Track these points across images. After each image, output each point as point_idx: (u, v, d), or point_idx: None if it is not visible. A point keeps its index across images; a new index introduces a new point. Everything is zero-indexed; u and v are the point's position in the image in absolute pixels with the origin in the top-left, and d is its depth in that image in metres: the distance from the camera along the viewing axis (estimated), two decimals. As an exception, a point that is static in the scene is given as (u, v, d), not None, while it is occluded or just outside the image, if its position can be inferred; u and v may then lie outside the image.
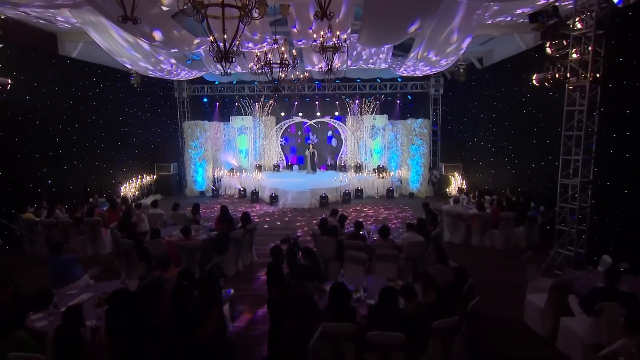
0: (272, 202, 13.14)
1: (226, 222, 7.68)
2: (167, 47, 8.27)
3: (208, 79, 15.59)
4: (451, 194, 11.86)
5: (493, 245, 8.61)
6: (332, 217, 8.09)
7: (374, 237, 7.24)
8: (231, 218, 7.94)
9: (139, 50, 8.86)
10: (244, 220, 7.81)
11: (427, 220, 7.64)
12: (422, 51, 8.98)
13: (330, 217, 8.12)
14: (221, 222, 7.85)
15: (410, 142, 14.71)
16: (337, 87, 16.21)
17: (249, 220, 7.91)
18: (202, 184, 15.18)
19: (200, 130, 14.93)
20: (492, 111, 11.72)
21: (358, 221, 7.24)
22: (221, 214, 8.17)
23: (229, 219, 7.86)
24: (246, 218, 7.88)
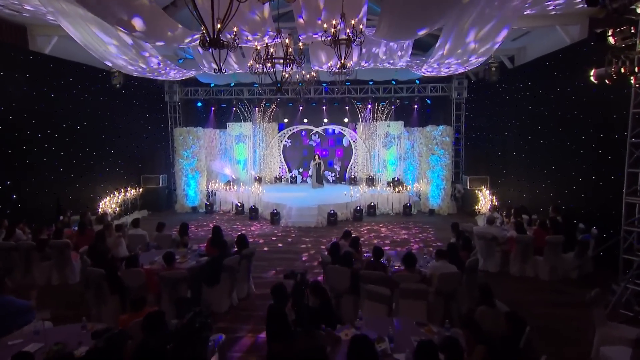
0: (273, 219, 12.64)
1: (219, 246, 7.03)
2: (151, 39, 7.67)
3: (202, 80, 15.25)
4: (480, 211, 11.12)
5: (536, 275, 7.87)
6: (345, 240, 7.52)
7: (395, 266, 6.58)
8: (225, 241, 7.32)
9: (120, 44, 8.28)
10: (240, 244, 7.19)
11: (459, 245, 6.92)
12: (449, 46, 8.33)
13: (342, 240, 7.56)
14: (213, 246, 7.25)
15: (430, 152, 14.21)
16: (346, 90, 15.81)
17: (246, 244, 7.30)
18: (194, 199, 14.76)
19: (193, 138, 14.56)
20: (527, 116, 11.11)
21: (377, 247, 6.52)
22: (213, 236, 7.60)
23: (222, 243, 7.23)
24: (242, 241, 7.25)
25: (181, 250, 7.36)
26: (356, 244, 7.26)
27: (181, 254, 7.05)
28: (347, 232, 7.79)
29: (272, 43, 7.55)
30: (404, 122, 15.97)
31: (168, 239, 8.12)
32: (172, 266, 6.25)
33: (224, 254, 6.74)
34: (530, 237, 7.85)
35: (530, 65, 10.96)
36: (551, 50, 9.81)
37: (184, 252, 7.20)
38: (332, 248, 6.81)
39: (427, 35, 11.92)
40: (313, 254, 9.59)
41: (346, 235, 7.66)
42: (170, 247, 7.69)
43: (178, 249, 7.54)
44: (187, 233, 8.24)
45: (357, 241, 7.29)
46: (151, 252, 7.49)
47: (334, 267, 6.29)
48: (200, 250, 7.48)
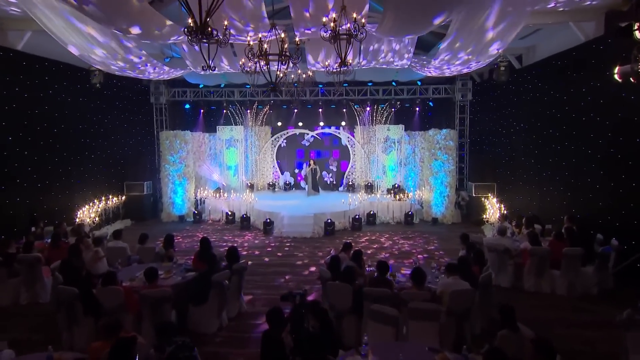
0: (267, 229, 12.37)
1: (207, 261, 6.66)
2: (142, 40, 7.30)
3: (190, 81, 14.95)
4: (488, 221, 10.81)
5: (553, 291, 7.54)
6: (345, 253, 7.20)
7: (401, 281, 6.28)
8: (213, 255, 6.94)
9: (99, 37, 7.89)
10: (231, 257, 6.84)
11: (471, 259, 6.59)
12: (456, 43, 8.07)
13: (342, 253, 7.23)
14: (201, 260, 6.87)
15: (433, 157, 13.96)
16: (344, 91, 15.56)
17: (237, 257, 6.94)
18: (181, 207, 14.45)
19: (181, 142, 14.24)
20: (537, 119, 10.88)
21: (382, 261, 6.19)
22: (201, 248, 7.22)
23: (210, 256, 6.83)
24: (233, 255, 6.89)
25: (165, 265, 7.03)
26: (358, 257, 6.89)
27: (165, 268, 6.73)
28: (348, 244, 7.48)
29: (267, 40, 7.21)
30: (405, 126, 15.77)
31: (151, 252, 7.73)
32: (155, 283, 5.86)
33: (212, 268, 6.40)
34: (546, 249, 7.54)
35: (540, 64, 10.76)
36: (563, 49, 9.60)
37: (168, 267, 6.87)
38: (331, 262, 6.51)
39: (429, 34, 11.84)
40: (310, 266, 9.28)
41: (347, 248, 7.35)
42: (153, 261, 7.35)
43: (162, 263, 7.21)
44: (172, 245, 7.88)
45: (359, 255, 6.93)
46: (132, 267, 7.14)
47: (334, 283, 5.98)
48: (187, 264, 7.14)
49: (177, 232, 12.37)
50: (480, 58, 8.63)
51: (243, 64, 9.00)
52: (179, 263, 7.21)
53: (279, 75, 7.33)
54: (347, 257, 7.05)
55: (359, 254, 6.95)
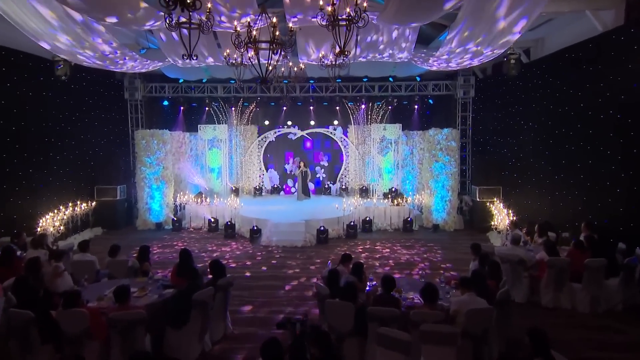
0: (253, 237, 12.05)
1: (188, 275, 6.22)
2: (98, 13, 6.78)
3: (169, 75, 14.60)
4: (497, 228, 10.52)
5: (574, 307, 7.22)
6: (344, 265, 6.87)
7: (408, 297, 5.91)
8: (195, 269, 6.50)
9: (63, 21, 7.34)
10: (215, 271, 6.46)
11: (486, 273, 6.26)
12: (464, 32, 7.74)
13: (340, 265, 6.89)
14: (181, 275, 6.48)
15: (434, 159, 13.78)
16: (337, 88, 15.28)
17: (222, 271, 6.54)
18: (159, 214, 14.09)
19: (159, 142, 13.90)
20: (548, 117, 10.68)
21: (388, 276, 5.81)
22: (181, 262, 6.84)
23: (191, 270, 6.39)
24: (217, 268, 6.50)
25: (140, 281, 6.61)
26: (359, 271, 6.51)
27: (140, 285, 6.30)
28: (347, 255, 7.14)
29: (256, 27, 6.78)
30: (402, 125, 15.60)
31: (123, 266, 7.25)
32: (126, 304, 5.34)
33: (194, 285, 5.97)
34: (566, 260, 7.21)
35: (551, 58, 10.55)
36: (578, 40, 9.39)
37: (143, 283, 6.44)
38: (330, 277, 6.13)
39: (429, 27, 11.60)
40: (302, 279, 8.93)
41: (345, 260, 6.99)
42: (126, 277, 6.91)
43: (136, 278, 6.79)
44: (148, 258, 7.49)
45: (360, 268, 6.55)
46: (101, 284, 6.65)
47: (334, 302, 5.57)
48: (165, 280, 6.72)
49: (154, 241, 12.01)
50: (491, 49, 8.31)
51: (228, 56, 8.63)
52: (156, 278, 6.80)
53: (269, 67, 6.86)
54: (346, 270, 6.72)
55: (359, 267, 6.58)
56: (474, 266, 7.03)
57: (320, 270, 9.32)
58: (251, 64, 8.70)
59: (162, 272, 8.68)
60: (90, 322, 5.03)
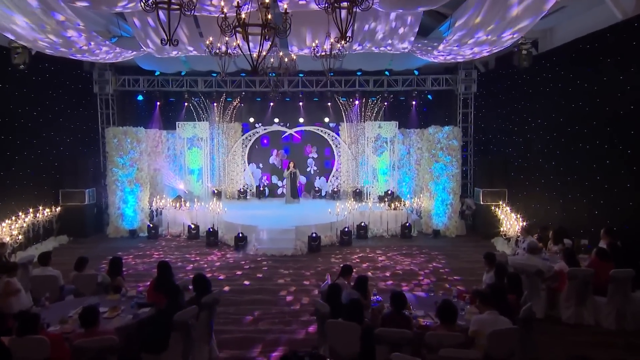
0: (239, 245, 11.74)
1: (167, 292, 5.78)
2: None
3: (144, 67, 14.23)
4: (506, 234, 10.28)
5: (598, 323, 6.94)
6: (344, 278, 6.59)
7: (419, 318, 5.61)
8: (175, 286, 6.04)
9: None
10: (199, 286, 6.10)
11: (505, 287, 5.96)
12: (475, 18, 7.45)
13: (340, 278, 6.59)
14: (159, 291, 6.10)
15: (434, 159, 13.63)
16: (328, 82, 15.11)
17: (207, 287, 6.16)
18: (133, 220, 13.73)
19: (132, 141, 13.56)
20: (559, 114, 10.52)
21: (398, 293, 5.52)
22: (159, 276, 6.49)
23: (171, 287, 5.94)
24: (202, 284, 6.13)
25: (112, 299, 6.26)
26: (363, 285, 6.23)
27: (111, 304, 5.98)
28: (347, 267, 6.82)
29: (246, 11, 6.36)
30: (399, 123, 15.52)
31: (92, 281, 6.84)
32: (95, 329, 4.91)
33: (174, 303, 5.59)
34: (589, 270, 6.94)
35: (563, 49, 10.36)
36: (593, 30, 9.19)
37: (115, 301, 6.11)
38: (330, 292, 5.80)
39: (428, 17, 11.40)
40: (295, 293, 8.60)
41: (346, 272, 6.68)
42: (95, 294, 6.52)
43: (107, 296, 6.40)
44: (120, 271, 7.08)
45: (364, 282, 6.27)
46: (66, 303, 6.23)
47: (337, 322, 5.21)
48: (140, 297, 6.34)
49: (128, 250, 11.64)
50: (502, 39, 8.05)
51: (211, 45, 8.26)
52: (130, 295, 6.40)
53: (261, 54, 6.44)
54: (346, 284, 6.44)
55: (364, 281, 6.31)
56: (489, 279, 6.75)
57: (314, 281, 9.16)
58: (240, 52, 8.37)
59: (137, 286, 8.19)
60: (51, 351, 4.58)
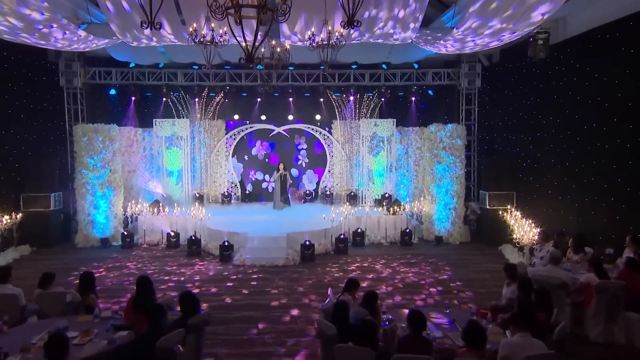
0: (224, 255, 11.50)
1: (149, 313, 5.41)
2: None
3: (117, 57, 14.06)
4: (520, 242, 10.10)
5: (630, 343, 6.69)
6: (349, 293, 6.33)
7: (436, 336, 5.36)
8: (158, 305, 5.63)
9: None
10: (186, 306, 5.74)
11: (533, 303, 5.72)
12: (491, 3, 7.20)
13: (345, 294, 6.33)
14: (138, 312, 5.74)
15: (435, 160, 13.56)
16: (321, 76, 14.93)
17: (195, 306, 5.80)
18: (105, 227, 13.43)
19: (104, 140, 13.32)
20: (574, 110, 10.44)
21: (416, 312, 5.20)
22: (138, 294, 6.17)
23: (154, 308, 5.53)
24: (189, 303, 5.78)
25: (83, 320, 5.89)
26: (372, 302, 5.87)
27: (83, 326, 5.56)
28: (353, 281, 6.53)
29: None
30: (397, 120, 15.32)
31: (59, 300, 6.41)
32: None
33: (157, 326, 5.25)
34: (620, 283, 6.69)
35: (577, 40, 10.25)
36: (612, 19, 9.04)
37: (87, 324, 5.76)
38: (337, 311, 5.49)
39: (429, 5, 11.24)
40: (290, 308, 8.34)
41: (351, 287, 6.40)
42: (63, 315, 6.07)
43: (78, 317, 6.03)
44: (93, 288, 6.75)
45: (373, 299, 5.90)
46: (28, 327, 5.85)
47: (347, 347, 4.88)
48: (116, 318, 5.97)
49: (99, 262, 11.35)
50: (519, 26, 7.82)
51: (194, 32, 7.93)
52: (104, 316, 6.04)
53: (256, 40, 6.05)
54: (352, 300, 6.15)
55: (373, 297, 5.95)
56: (511, 293, 6.45)
57: (311, 296, 8.88)
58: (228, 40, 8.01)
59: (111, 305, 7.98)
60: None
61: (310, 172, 16.37)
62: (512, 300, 6.30)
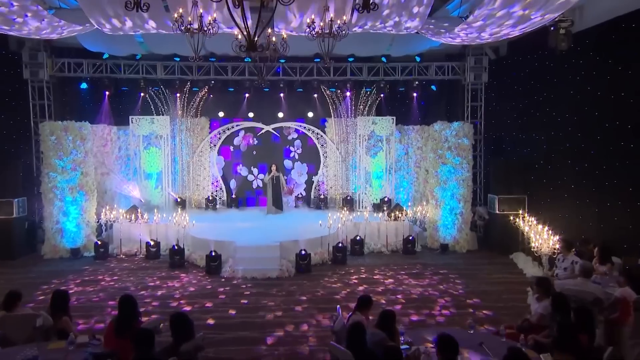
0: (212, 267, 11.33)
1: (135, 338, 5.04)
2: None
3: (89, 47, 13.83)
4: (540, 251, 9.92)
5: None
6: (362, 312, 6.10)
7: None
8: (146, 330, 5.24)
9: None
10: (178, 331, 5.39)
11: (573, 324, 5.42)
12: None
13: (357, 313, 6.12)
14: (121, 336, 5.45)
15: (440, 161, 13.55)
16: (315, 69, 14.81)
17: (189, 330, 5.49)
18: (76, 236, 13.23)
19: (75, 139, 13.14)
20: (594, 106, 10.30)
21: (446, 336, 4.81)
22: (121, 315, 5.78)
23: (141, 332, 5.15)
24: (182, 327, 5.42)
25: (55, 347, 5.48)
26: (390, 322, 5.62)
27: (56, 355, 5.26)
28: (366, 299, 6.30)
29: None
30: (396, 118, 15.34)
31: (27, 324, 5.97)
32: None
33: (145, 354, 4.87)
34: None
35: (598, 30, 10.10)
36: (636, 7, 8.82)
37: (62, 351, 5.35)
38: (353, 334, 5.15)
39: None
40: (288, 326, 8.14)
41: (364, 305, 6.18)
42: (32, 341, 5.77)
43: (49, 344, 5.67)
44: (66, 309, 6.38)
45: (391, 319, 5.65)
46: None
47: None
48: (95, 344, 5.59)
49: (69, 275, 11.05)
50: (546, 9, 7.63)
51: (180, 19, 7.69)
52: (81, 342, 5.67)
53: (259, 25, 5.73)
54: (365, 320, 5.89)
55: (390, 317, 5.70)
56: (543, 309, 6.16)
57: (312, 312, 8.64)
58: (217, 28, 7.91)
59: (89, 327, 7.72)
60: None
61: (299, 164, 16.25)
62: (543, 318, 6.06)
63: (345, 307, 8.63)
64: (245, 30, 5.49)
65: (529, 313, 7.34)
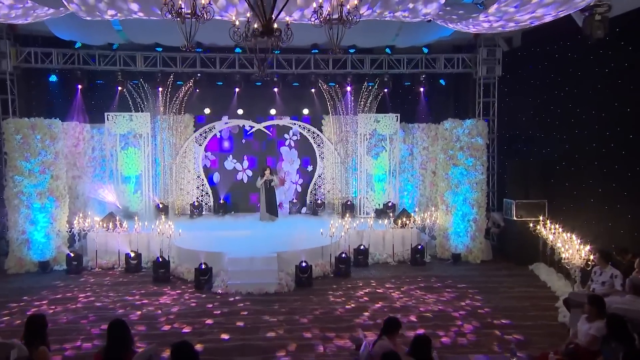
0: (201, 281, 11.08)
1: None
2: None
3: (60, 35, 13.52)
4: (571, 263, 9.68)
5: None
6: (389, 337, 5.82)
7: None
8: None
9: None
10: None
11: None
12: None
13: (384, 338, 5.80)
14: None
15: (451, 162, 13.41)
16: (312, 61, 14.61)
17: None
18: (45, 247, 12.94)
19: (44, 138, 12.91)
20: (624, 102, 10.12)
21: None
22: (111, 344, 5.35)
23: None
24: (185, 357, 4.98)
25: None
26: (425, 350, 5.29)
27: None
28: (393, 321, 6.03)
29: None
30: (401, 115, 15.24)
31: None
32: None
33: None
34: None
35: (627, 18, 9.95)
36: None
37: None
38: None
39: None
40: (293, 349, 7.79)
41: (392, 328, 5.92)
42: None
43: None
44: (44, 337, 5.87)
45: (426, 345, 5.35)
46: None
47: None
48: None
49: (38, 292, 10.70)
50: None
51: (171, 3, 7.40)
52: None
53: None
54: (392, 345, 5.61)
55: (425, 343, 5.38)
56: (596, 331, 5.84)
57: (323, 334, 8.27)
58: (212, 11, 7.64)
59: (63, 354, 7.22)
60: None
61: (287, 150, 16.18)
62: (595, 341, 5.74)
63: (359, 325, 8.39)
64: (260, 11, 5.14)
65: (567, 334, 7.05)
